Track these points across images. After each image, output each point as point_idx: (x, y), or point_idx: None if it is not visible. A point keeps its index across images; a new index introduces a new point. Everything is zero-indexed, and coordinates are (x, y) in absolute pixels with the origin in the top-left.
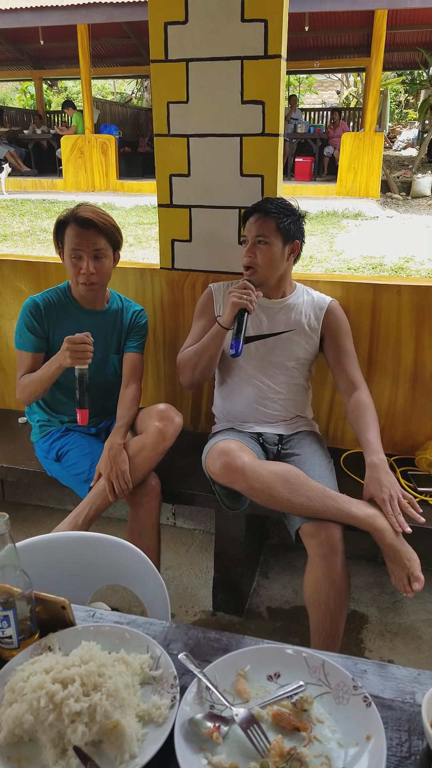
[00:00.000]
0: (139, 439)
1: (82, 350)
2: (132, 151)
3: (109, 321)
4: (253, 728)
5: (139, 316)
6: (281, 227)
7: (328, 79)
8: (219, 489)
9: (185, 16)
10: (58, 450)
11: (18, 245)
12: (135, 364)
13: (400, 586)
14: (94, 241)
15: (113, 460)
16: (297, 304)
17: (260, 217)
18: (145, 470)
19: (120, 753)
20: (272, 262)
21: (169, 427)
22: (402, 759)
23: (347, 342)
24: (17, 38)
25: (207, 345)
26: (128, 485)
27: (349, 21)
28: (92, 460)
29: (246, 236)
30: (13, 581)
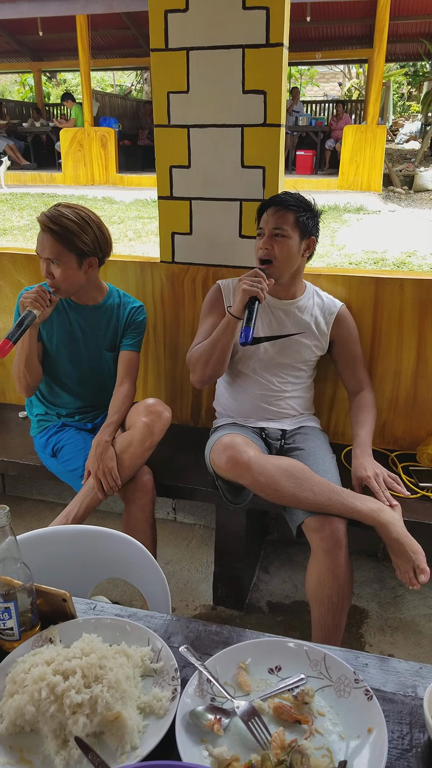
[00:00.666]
0: (127, 435)
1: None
2: (132, 144)
3: (103, 317)
4: (255, 720)
5: (137, 313)
6: (300, 221)
7: (329, 70)
8: (222, 483)
9: (185, 4)
10: (54, 445)
11: (17, 239)
12: (130, 362)
13: (406, 579)
14: (46, 247)
15: (100, 458)
16: (307, 306)
17: (279, 210)
18: (133, 466)
19: (121, 744)
20: (289, 256)
21: (157, 423)
22: (403, 752)
23: (357, 347)
24: (16, 29)
25: (218, 337)
26: (116, 482)
27: (352, 11)
28: (86, 456)
29: (262, 228)
30: (14, 574)
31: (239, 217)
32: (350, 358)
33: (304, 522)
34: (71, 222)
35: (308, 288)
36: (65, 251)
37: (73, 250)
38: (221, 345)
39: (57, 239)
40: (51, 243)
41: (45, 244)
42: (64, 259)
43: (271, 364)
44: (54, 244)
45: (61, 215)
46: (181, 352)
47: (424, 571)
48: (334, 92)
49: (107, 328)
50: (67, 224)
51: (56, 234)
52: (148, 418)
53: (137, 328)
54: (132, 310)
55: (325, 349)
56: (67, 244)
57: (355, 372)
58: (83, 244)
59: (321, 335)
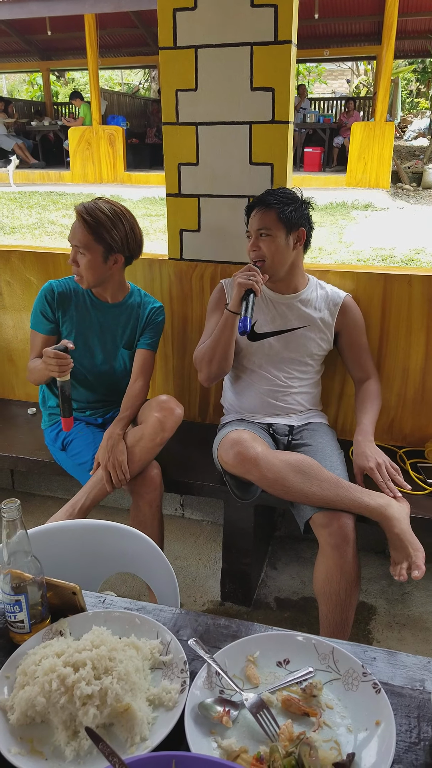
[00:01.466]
0: (138, 430)
1: (54, 365)
2: (140, 143)
3: (123, 314)
4: (263, 713)
5: (156, 313)
6: (282, 217)
7: (338, 68)
8: (230, 479)
9: (194, 2)
10: (63, 439)
11: (26, 237)
12: (146, 360)
13: (396, 572)
14: (77, 234)
15: (111, 450)
16: (310, 299)
17: (260, 210)
18: (143, 461)
19: (131, 736)
20: (278, 252)
21: (169, 419)
22: (411, 745)
23: (362, 337)
24: (25, 29)
25: (220, 334)
26: (126, 475)
27: (360, 8)
28: (95, 450)
29: (249, 231)
30: (25, 567)
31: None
32: (356, 347)
33: (312, 518)
34: (105, 215)
35: (311, 281)
36: (93, 242)
37: (101, 242)
38: (223, 342)
39: (88, 229)
40: (82, 232)
41: (76, 232)
42: (91, 249)
43: (277, 359)
44: (84, 233)
45: (97, 207)
46: (189, 349)
47: (419, 568)
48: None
49: (126, 326)
50: (100, 216)
51: (88, 224)
52: (161, 414)
53: (155, 329)
54: (152, 311)
55: (330, 342)
56: (96, 235)
57: (361, 362)
58: (111, 238)
59: (326, 327)
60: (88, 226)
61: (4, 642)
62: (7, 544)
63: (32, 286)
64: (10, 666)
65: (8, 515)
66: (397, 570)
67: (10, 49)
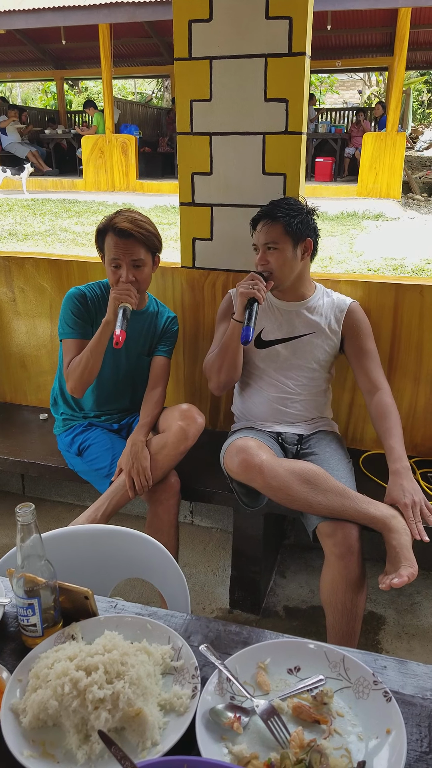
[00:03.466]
0: (162, 438)
1: (125, 289)
2: (152, 151)
3: (144, 323)
4: (274, 719)
5: (172, 323)
6: (289, 230)
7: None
8: (236, 486)
9: (210, 14)
10: (80, 444)
11: (39, 244)
12: (163, 367)
13: (383, 582)
14: (132, 251)
15: (135, 457)
16: (317, 306)
17: (267, 223)
18: (165, 468)
19: (142, 740)
20: (286, 264)
21: (192, 427)
22: (422, 754)
23: (368, 342)
24: (39, 38)
25: (227, 343)
26: (149, 482)
27: (372, 19)
28: (113, 456)
29: (256, 244)
30: (38, 571)
31: None
32: (361, 353)
33: (318, 527)
34: (148, 224)
35: (318, 289)
36: (147, 252)
37: (151, 250)
38: (230, 351)
39: (144, 241)
40: (138, 247)
41: (132, 249)
42: (147, 261)
43: (284, 366)
44: (141, 247)
45: (137, 219)
46: (201, 357)
47: (400, 576)
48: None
49: (147, 334)
50: (147, 227)
51: (143, 236)
52: (184, 422)
53: (171, 337)
54: (168, 320)
55: (337, 347)
56: (150, 245)
57: (368, 369)
58: (157, 242)
59: (333, 333)
60: (144, 238)
61: (16, 645)
62: (21, 547)
63: (45, 292)
64: (22, 669)
65: (23, 519)
66: (384, 580)
67: (24, 57)
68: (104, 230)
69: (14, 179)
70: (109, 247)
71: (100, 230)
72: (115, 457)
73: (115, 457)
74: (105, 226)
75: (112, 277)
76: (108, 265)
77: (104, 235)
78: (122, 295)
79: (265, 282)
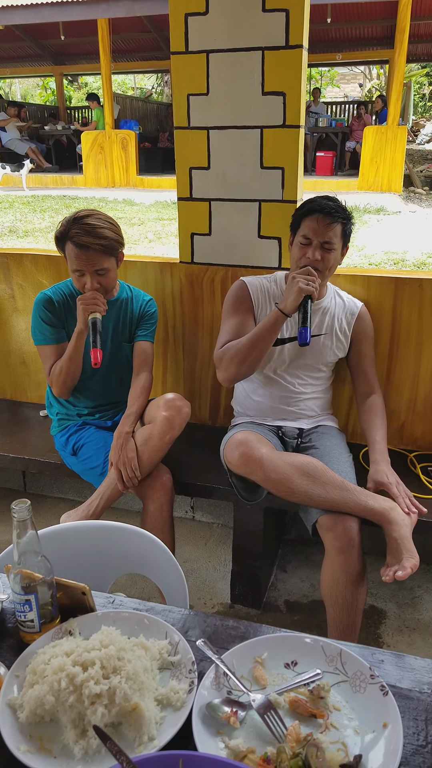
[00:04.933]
0: (147, 429)
1: (92, 299)
2: (152, 147)
3: (119, 311)
4: (270, 714)
5: (149, 305)
6: (345, 233)
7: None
8: (235, 480)
9: (206, 7)
10: (74, 444)
11: (39, 241)
12: (145, 352)
13: (385, 574)
14: (93, 262)
15: (121, 448)
16: (329, 307)
17: (327, 220)
18: (153, 459)
19: (139, 735)
20: (333, 266)
21: (177, 417)
22: (418, 747)
23: (371, 348)
24: (38, 34)
25: (263, 334)
26: (136, 473)
27: (373, 12)
28: (106, 454)
29: (309, 237)
30: (35, 567)
31: (258, 218)
32: (364, 358)
33: (318, 521)
34: (107, 230)
35: (330, 289)
36: (110, 258)
37: (114, 254)
38: (264, 342)
39: (104, 251)
40: (99, 257)
41: (94, 260)
42: (110, 265)
43: (293, 365)
44: (103, 257)
45: (94, 227)
46: (200, 351)
47: (404, 569)
48: (355, 93)
49: (124, 321)
50: (106, 234)
51: (103, 247)
52: (168, 412)
53: (150, 319)
54: (143, 302)
55: (346, 349)
56: (111, 251)
57: (367, 373)
58: (119, 242)
59: (343, 336)
60: (104, 248)
61: (14, 641)
62: (17, 544)
63: (44, 288)
64: (19, 665)
65: (19, 515)
66: (387, 572)
67: (23, 53)
68: (62, 239)
69: (14, 176)
70: (70, 256)
71: (58, 238)
72: (107, 455)
73: (108, 454)
74: (63, 234)
75: (77, 283)
76: (71, 273)
77: (63, 243)
78: (90, 305)
79: None
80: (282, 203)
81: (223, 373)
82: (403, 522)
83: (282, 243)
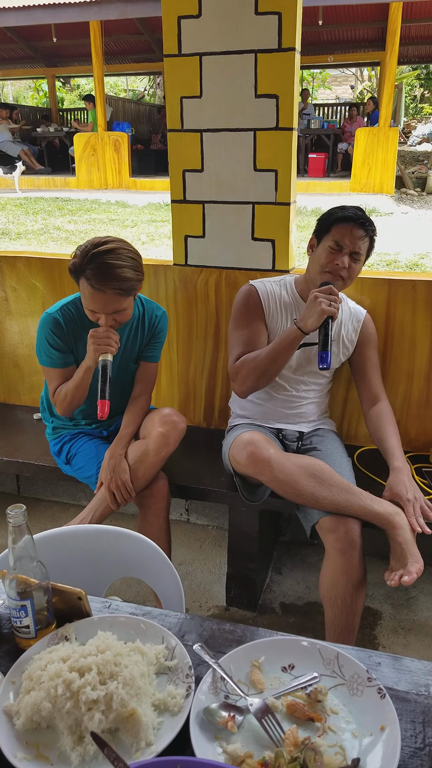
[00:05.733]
0: (141, 445)
1: (105, 339)
2: (144, 149)
3: (129, 332)
4: (268, 718)
5: (161, 323)
6: (371, 247)
7: (341, 74)
8: (239, 480)
9: (198, 10)
10: (67, 453)
11: (32, 243)
12: (150, 373)
13: (390, 578)
14: (111, 305)
15: (113, 470)
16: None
17: (363, 234)
18: (148, 476)
19: (136, 741)
20: (355, 277)
21: (172, 433)
22: (416, 750)
23: (375, 354)
24: (30, 36)
25: (281, 352)
26: (131, 494)
27: (364, 14)
28: (99, 463)
29: (341, 243)
30: (30, 572)
31: (252, 220)
32: (369, 365)
33: (319, 522)
34: (127, 269)
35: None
36: (128, 298)
37: (133, 293)
38: (283, 358)
39: (123, 294)
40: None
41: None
42: (128, 303)
43: (299, 371)
44: (120, 299)
45: (113, 268)
46: (194, 354)
47: (410, 574)
48: (347, 95)
49: (135, 341)
50: (126, 275)
51: (122, 290)
52: (164, 428)
53: (160, 337)
54: (155, 319)
55: (349, 355)
56: (130, 292)
57: (371, 380)
58: (138, 282)
59: (350, 342)
60: (123, 291)
61: (9, 647)
62: (12, 549)
63: (38, 292)
64: (15, 671)
65: (14, 521)
66: (391, 577)
67: (15, 55)
68: (76, 273)
69: (6, 178)
70: (84, 294)
71: (72, 270)
72: (100, 466)
73: (100, 465)
74: (77, 268)
75: (90, 316)
76: (85, 307)
77: (77, 277)
78: (102, 345)
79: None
80: (275, 205)
81: (239, 386)
82: (408, 527)
83: (275, 245)
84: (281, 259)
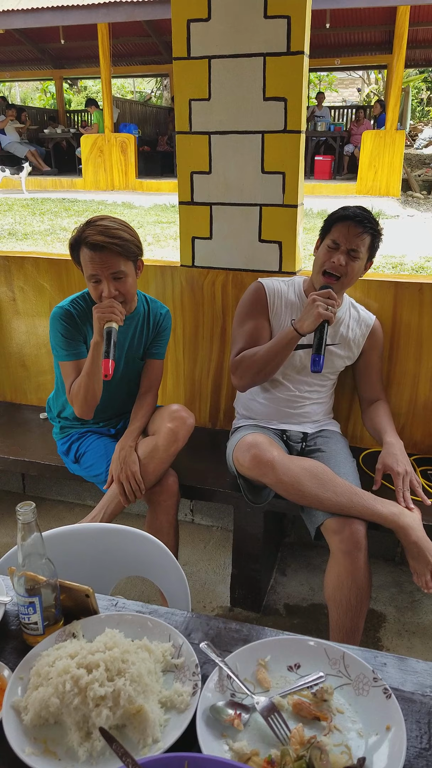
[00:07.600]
0: (151, 440)
1: (109, 307)
2: (151, 150)
3: (135, 327)
4: (274, 716)
5: (165, 320)
6: (373, 246)
7: (348, 76)
8: (243, 482)
9: (208, 13)
10: (76, 452)
11: (38, 244)
12: (156, 371)
13: (422, 583)
14: (109, 264)
15: (123, 462)
16: (344, 318)
17: (359, 230)
18: (157, 472)
19: (143, 737)
20: (354, 277)
21: (181, 429)
22: (422, 750)
23: (379, 359)
24: (38, 38)
25: (278, 351)
26: (140, 486)
27: (371, 18)
28: (108, 462)
29: (338, 241)
30: (39, 569)
31: (259, 222)
32: (372, 368)
33: (324, 523)
34: (122, 231)
35: (345, 300)
36: (127, 261)
37: (131, 257)
38: (279, 358)
39: (121, 252)
40: (115, 258)
41: (109, 262)
42: (128, 271)
43: (302, 372)
44: (119, 258)
45: (109, 228)
46: (201, 355)
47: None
48: (353, 98)
49: (140, 337)
50: (122, 234)
51: (119, 247)
52: (173, 423)
53: (165, 335)
54: (160, 317)
55: (354, 359)
56: (128, 253)
57: (373, 382)
58: (137, 247)
59: (356, 346)
60: (120, 248)
61: (17, 643)
62: (21, 546)
63: (45, 292)
64: (23, 667)
65: (23, 518)
66: (422, 581)
67: (23, 57)
68: (76, 244)
69: (13, 179)
70: (85, 262)
71: (72, 244)
72: (109, 464)
73: (110, 463)
74: (76, 239)
75: (93, 292)
76: (87, 281)
77: (78, 250)
78: (106, 313)
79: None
80: (282, 207)
81: (238, 380)
82: (416, 524)
83: (282, 247)
84: (288, 260)
